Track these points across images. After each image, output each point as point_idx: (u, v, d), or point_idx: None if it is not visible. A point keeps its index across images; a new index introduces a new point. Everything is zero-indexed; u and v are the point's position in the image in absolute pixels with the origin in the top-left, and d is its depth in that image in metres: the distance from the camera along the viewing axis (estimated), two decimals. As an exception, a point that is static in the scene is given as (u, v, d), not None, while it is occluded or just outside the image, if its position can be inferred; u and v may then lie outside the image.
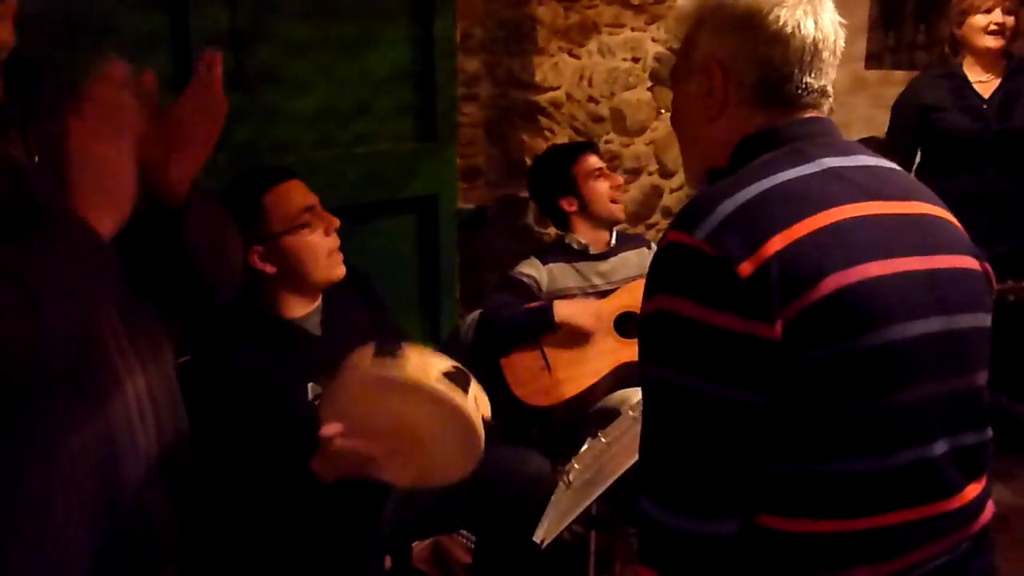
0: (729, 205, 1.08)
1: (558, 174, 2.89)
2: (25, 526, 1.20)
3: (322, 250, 1.96)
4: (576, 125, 3.32)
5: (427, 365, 1.60)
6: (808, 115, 1.20)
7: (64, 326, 1.13)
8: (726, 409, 1.05)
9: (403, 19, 2.82)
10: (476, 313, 2.74)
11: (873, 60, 4.16)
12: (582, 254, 2.87)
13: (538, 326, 2.67)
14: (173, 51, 2.27)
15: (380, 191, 2.81)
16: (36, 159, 1.23)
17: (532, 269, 2.82)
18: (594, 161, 2.89)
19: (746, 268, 1.03)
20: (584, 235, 2.88)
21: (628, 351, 2.70)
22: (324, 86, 2.63)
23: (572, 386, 2.68)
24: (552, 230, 3.22)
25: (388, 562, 2.38)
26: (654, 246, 3.02)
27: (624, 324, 2.73)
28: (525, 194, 3.19)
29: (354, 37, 2.69)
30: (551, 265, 2.83)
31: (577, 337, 2.69)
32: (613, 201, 2.88)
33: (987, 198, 3.11)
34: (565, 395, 2.68)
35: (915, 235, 1.13)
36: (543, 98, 3.18)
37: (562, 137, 3.27)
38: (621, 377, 2.71)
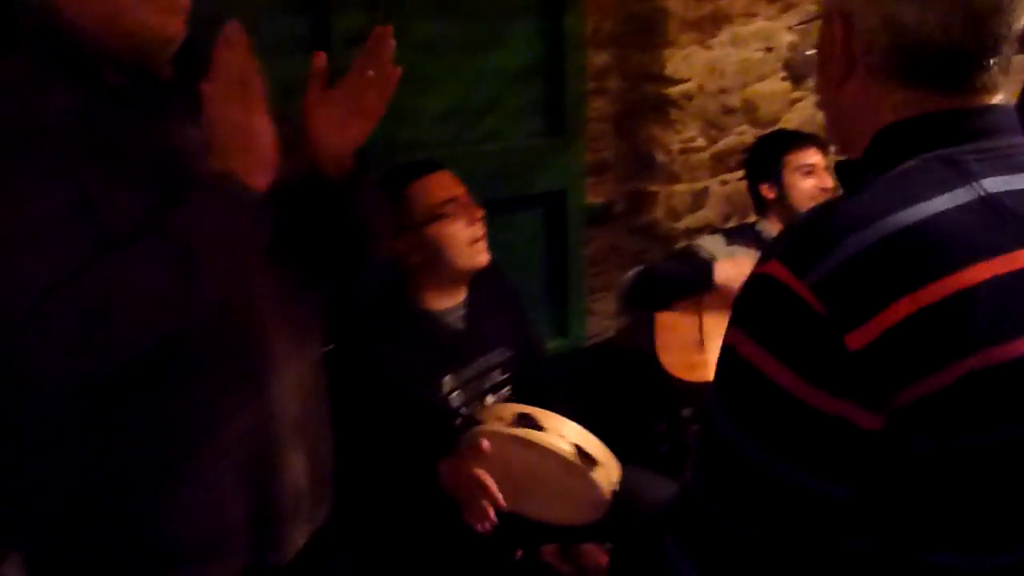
0: (853, 244, 0.82)
1: (768, 158, 2.77)
2: (183, 488, 1.29)
3: (463, 238, 2.01)
4: (708, 117, 3.26)
5: (561, 429, 1.70)
6: (974, 102, 0.91)
7: (219, 288, 1.21)
8: (798, 497, 0.85)
9: (533, 15, 2.82)
10: (639, 267, 2.68)
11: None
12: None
13: (694, 280, 2.54)
14: (313, 51, 2.33)
15: (509, 187, 2.83)
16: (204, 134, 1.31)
17: (712, 244, 2.71)
18: (809, 155, 2.72)
19: (858, 338, 0.80)
20: (776, 226, 2.74)
21: None
22: (455, 84, 2.67)
23: None
24: (682, 224, 3.18)
25: (519, 554, 2.40)
26: None
27: None
28: (654, 188, 3.16)
29: (485, 34, 2.71)
30: (734, 247, 2.71)
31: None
32: (815, 200, 2.69)
33: None
34: (709, 376, 2.60)
35: None
36: (674, 91, 3.13)
37: (693, 130, 3.22)
38: None
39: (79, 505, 1.28)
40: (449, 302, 2.06)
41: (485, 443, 1.72)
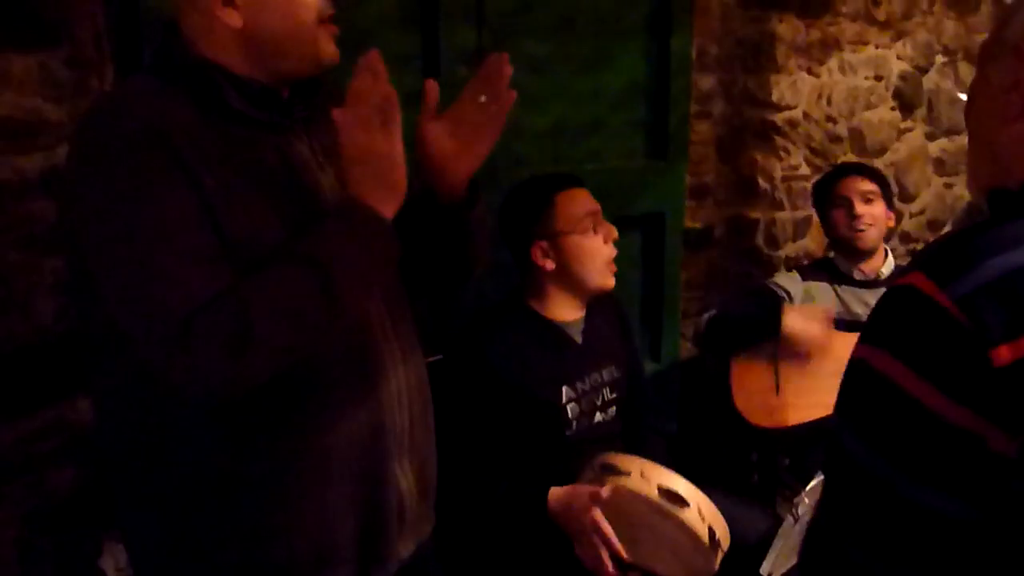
0: (1000, 265, 0.81)
1: (826, 188, 2.76)
2: (298, 501, 1.31)
3: (601, 256, 2.05)
4: (812, 145, 3.21)
5: (703, 506, 1.71)
6: None
7: (355, 313, 1.24)
8: (926, 520, 0.83)
9: (640, 36, 2.82)
10: (711, 310, 2.66)
11: None
12: (847, 278, 2.71)
13: (761, 325, 2.49)
14: (422, 68, 2.38)
15: (608, 207, 2.79)
16: (319, 157, 1.36)
17: (788, 282, 2.70)
18: (861, 184, 2.69)
19: (1004, 354, 0.78)
20: (843, 259, 2.72)
21: None
22: (560, 103, 2.68)
23: (798, 414, 2.54)
24: (782, 252, 3.13)
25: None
26: None
27: None
28: (755, 215, 3.12)
29: (592, 54, 2.72)
30: (811, 283, 2.70)
31: (817, 363, 2.51)
32: (850, 229, 2.67)
33: None
34: (788, 421, 2.55)
35: None
36: (779, 117, 3.10)
37: (797, 157, 3.17)
38: None
39: (197, 514, 1.30)
40: (571, 315, 2.08)
41: (606, 491, 1.73)
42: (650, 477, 1.71)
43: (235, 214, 1.21)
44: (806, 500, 1.89)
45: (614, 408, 2.11)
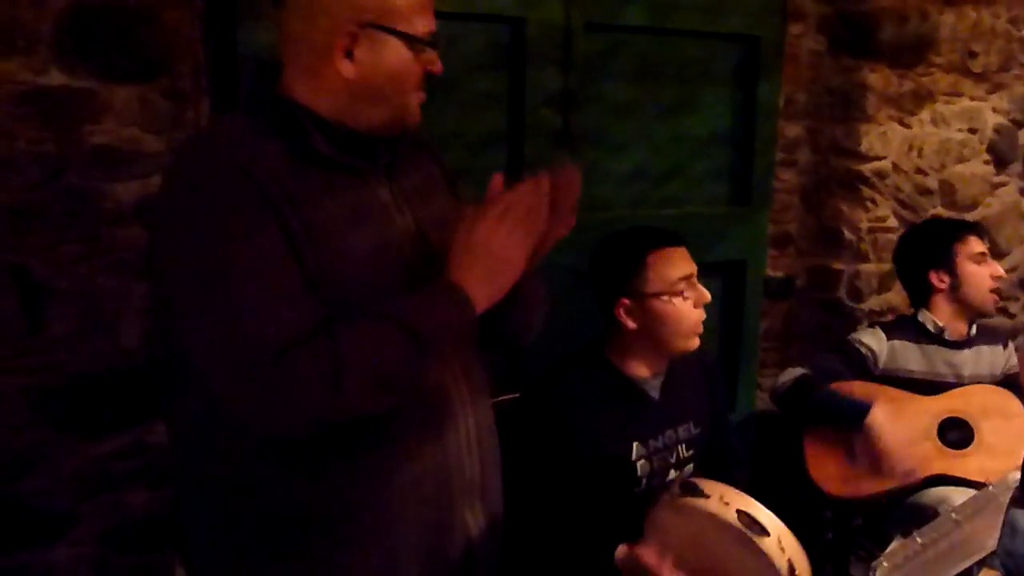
0: None
1: (937, 246, 2.68)
2: (364, 538, 1.32)
3: (689, 321, 1.95)
4: (901, 197, 3.14)
5: (783, 539, 1.60)
6: None
7: (434, 376, 1.29)
8: None
9: (727, 83, 2.81)
10: (798, 371, 2.59)
11: None
12: (934, 337, 2.64)
13: (844, 420, 2.46)
14: (508, 108, 2.40)
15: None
16: (399, 201, 1.38)
17: (873, 340, 2.64)
18: (977, 244, 2.65)
19: None
20: (942, 317, 2.65)
21: (945, 463, 2.45)
22: (644, 147, 2.68)
23: (871, 484, 2.45)
24: (866, 305, 3.06)
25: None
26: (1012, 345, 2.77)
27: (947, 431, 2.49)
28: (839, 266, 3.05)
29: (677, 100, 2.71)
30: (895, 341, 2.64)
31: (894, 431, 2.44)
32: (992, 291, 2.63)
33: None
34: (862, 492, 2.47)
35: None
36: (867, 167, 3.04)
37: (884, 209, 3.10)
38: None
39: (261, 549, 1.31)
40: (649, 372, 2.02)
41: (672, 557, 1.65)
42: (731, 502, 1.65)
43: (318, 254, 1.24)
44: (885, 564, 1.82)
45: (691, 466, 2.05)
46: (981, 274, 2.63)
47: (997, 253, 3.48)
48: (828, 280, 3.12)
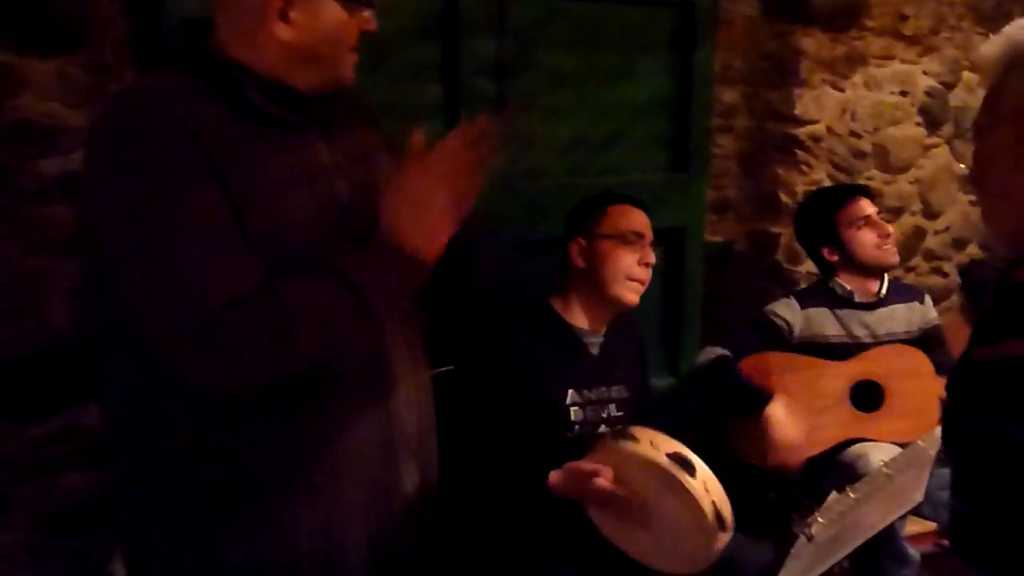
0: None
1: (820, 220, 2.75)
2: (309, 499, 1.33)
3: (631, 271, 2.11)
4: (835, 160, 3.19)
5: (708, 483, 1.66)
6: None
7: (379, 332, 1.32)
8: None
9: (663, 50, 2.80)
10: (716, 351, 2.64)
11: None
12: (846, 301, 2.71)
13: (748, 405, 2.48)
14: (442, 79, 2.38)
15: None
16: (338, 160, 1.38)
17: (787, 311, 2.70)
18: (862, 207, 2.70)
19: None
20: (850, 282, 2.72)
21: (858, 427, 2.53)
22: (581, 115, 2.66)
23: (799, 454, 2.45)
24: (803, 268, 3.10)
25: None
26: (929, 300, 2.82)
27: (860, 394, 2.55)
28: (776, 230, 3.09)
29: (614, 67, 2.70)
30: (810, 309, 2.70)
31: (806, 404, 2.49)
32: (883, 248, 2.68)
33: None
34: (767, 466, 2.47)
35: None
36: (802, 131, 3.07)
37: (819, 172, 3.15)
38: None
39: (205, 513, 1.31)
40: (588, 323, 2.15)
41: (608, 471, 1.70)
42: (660, 445, 1.68)
43: (257, 211, 1.23)
44: (820, 520, 1.86)
45: (619, 427, 2.11)
46: (867, 238, 2.68)
47: (930, 214, 3.55)
48: (766, 244, 3.16)
